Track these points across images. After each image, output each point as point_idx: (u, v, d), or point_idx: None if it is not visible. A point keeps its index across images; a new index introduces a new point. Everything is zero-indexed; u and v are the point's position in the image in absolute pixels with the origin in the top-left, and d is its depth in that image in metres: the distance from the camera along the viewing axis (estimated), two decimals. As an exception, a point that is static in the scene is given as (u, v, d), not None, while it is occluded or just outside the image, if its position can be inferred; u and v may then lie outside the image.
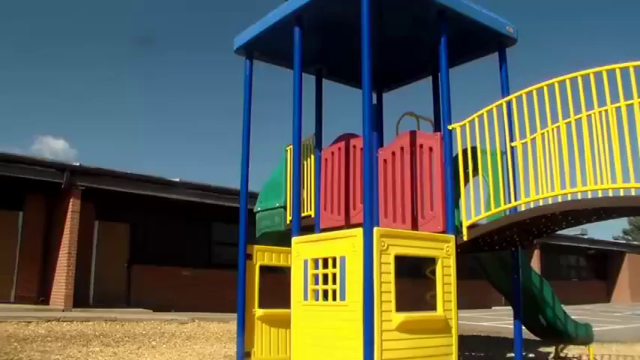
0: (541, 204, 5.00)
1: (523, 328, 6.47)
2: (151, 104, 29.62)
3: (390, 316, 4.70)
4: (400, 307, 4.77)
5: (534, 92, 5.13)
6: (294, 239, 5.82)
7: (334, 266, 5.07)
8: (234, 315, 6.68)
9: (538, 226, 5.57)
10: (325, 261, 5.22)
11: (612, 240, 43.81)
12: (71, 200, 14.58)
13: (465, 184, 5.73)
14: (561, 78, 4.95)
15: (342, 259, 5.00)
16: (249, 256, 6.78)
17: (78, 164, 14.67)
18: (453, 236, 5.39)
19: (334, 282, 5.06)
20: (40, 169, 14.35)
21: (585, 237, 32.95)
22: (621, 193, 4.41)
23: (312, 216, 7.33)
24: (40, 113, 28.71)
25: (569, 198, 4.78)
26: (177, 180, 15.92)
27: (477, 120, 5.57)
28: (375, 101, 7.93)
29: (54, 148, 29.35)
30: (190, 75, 31.15)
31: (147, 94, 30.16)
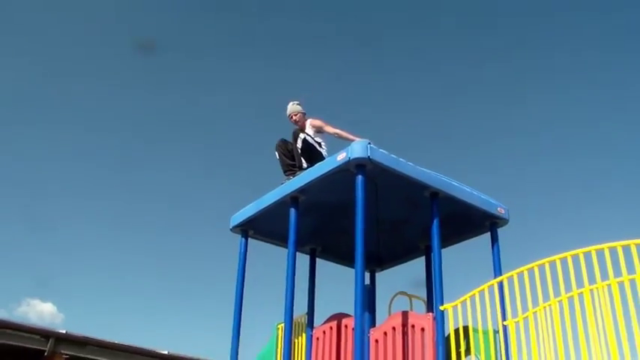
0: (535, 383, 4.83)
1: None
2: (145, 276, 29.63)
3: None
4: None
5: (525, 272, 5.14)
6: (281, 420, 5.56)
7: None
8: None
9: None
10: None
11: None
12: (54, 369, 13.95)
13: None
14: (551, 258, 4.97)
15: None
16: None
17: (64, 332, 14.25)
18: (446, 419, 5.15)
19: None
20: (25, 335, 13.88)
21: None
22: (617, 373, 4.29)
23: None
24: (28, 274, 28.47)
25: (565, 378, 4.63)
26: (166, 352, 15.37)
27: (468, 300, 5.54)
28: (367, 281, 7.93)
29: (41, 311, 28.57)
30: (186, 248, 31.41)
31: (143, 272, 30.25)
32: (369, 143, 5.97)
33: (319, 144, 7.24)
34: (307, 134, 7.23)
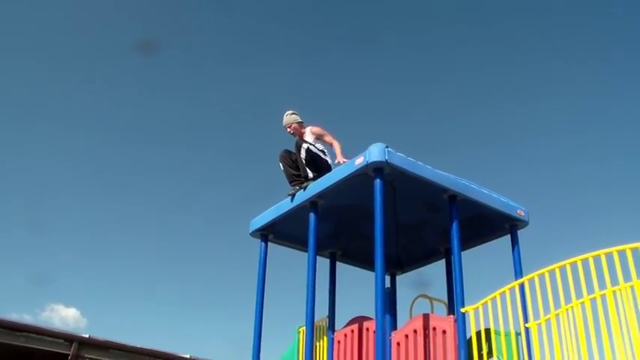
0: (560, 385, 4.80)
1: None
2: (167, 281, 29.81)
3: None
4: None
5: (546, 274, 5.12)
6: None
7: None
8: None
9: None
10: None
11: None
12: (75, 372, 14.06)
13: (480, 367, 5.56)
14: (573, 259, 4.95)
15: None
16: None
17: (87, 336, 14.39)
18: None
19: None
20: (49, 339, 14.02)
21: None
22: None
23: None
24: (52, 280, 28.74)
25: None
26: (188, 356, 15.46)
27: (490, 302, 5.53)
28: (388, 284, 7.94)
29: (65, 316, 28.77)
30: (207, 253, 31.68)
31: (165, 277, 30.50)
32: (387, 147, 5.97)
33: (323, 152, 7.22)
34: (310, 143, 7.21)
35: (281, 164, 7.34)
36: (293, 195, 6.93)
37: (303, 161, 7.05)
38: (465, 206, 6.36)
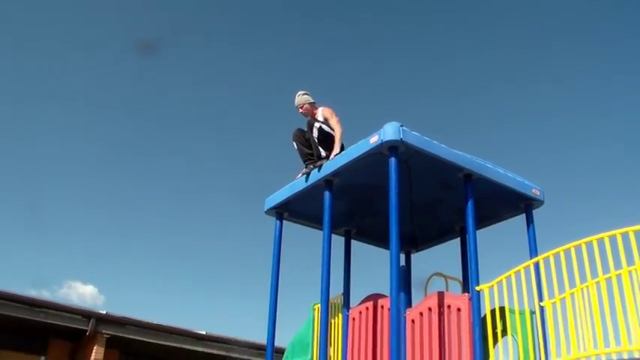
0: (573, 364, 4.82)
1: None
2: (184, 259, 30.21)
3: None
4: None
5: (562, 253, 5.12)
6: (319, 400, 5.65)
7: None
8: None
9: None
10: None
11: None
12: (95, 348, 14.22)
13: (494, 345, 5.59)
14: (588, 239, 4.94)
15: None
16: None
17: (104, 312, 14.57)
18: (482, 399, 5.19)
19: None
20: (67, 315, 14.20)
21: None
22: (657, 353, 4.28)
23: (339, 375, 7.13)
24: (71, 257, 29.23)
25: (603, 359, 4.62)
26: (204, 333, 15.62)
27: (504, 281, 5.54)
28: (403, 262, 7.95)
29: (82, 293, 29.20)
30: (222, 227, 32.01)
31: (182, 255, 30.82)
32: (402, 125, 5.96)
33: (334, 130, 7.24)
34: (322, 122, 7.22)
35: (294, 143, 7.37)
36: (308, 174, 6.96)
37: (316, 140, 7.08)
38: (480, 185, 6.35)
